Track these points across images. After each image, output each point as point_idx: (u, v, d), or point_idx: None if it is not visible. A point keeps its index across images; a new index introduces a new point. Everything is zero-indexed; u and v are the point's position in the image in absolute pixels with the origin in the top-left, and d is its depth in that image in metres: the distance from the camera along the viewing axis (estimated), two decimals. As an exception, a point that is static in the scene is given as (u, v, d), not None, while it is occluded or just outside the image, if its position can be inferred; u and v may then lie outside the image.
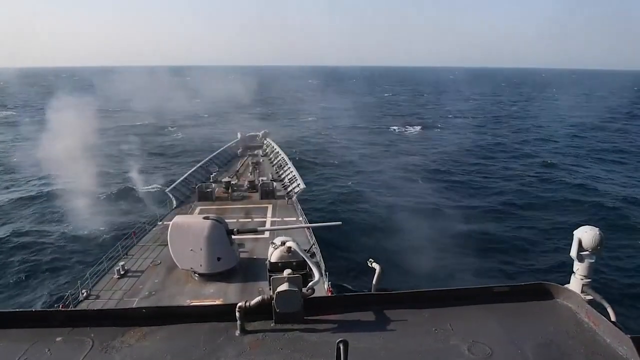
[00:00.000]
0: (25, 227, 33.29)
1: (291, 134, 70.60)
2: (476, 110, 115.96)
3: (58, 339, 4.69)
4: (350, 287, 22.64)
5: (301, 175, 31.86)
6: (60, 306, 15.33)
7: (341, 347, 3.66)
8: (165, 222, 23.69)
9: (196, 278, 17.73)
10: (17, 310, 5.16)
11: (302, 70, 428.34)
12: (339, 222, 19.04)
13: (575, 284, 5.92)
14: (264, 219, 25.53)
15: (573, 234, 6.02)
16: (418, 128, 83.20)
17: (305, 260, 5.82)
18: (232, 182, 30.98)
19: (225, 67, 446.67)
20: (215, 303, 14.67)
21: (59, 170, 40.74)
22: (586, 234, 5.84)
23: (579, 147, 65.14)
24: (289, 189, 30.62)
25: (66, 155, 39.14)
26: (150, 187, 42.14)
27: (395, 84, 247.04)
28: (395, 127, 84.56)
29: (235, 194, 30.02)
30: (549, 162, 54.59)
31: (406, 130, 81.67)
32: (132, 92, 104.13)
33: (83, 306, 15.75)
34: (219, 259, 17.46)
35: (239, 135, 47.10)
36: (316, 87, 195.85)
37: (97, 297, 16.63)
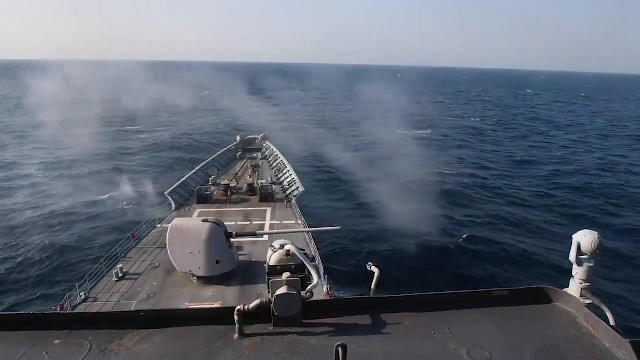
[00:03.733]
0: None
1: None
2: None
3: (56, 342, 4.67)
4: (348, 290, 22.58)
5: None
6: (59, 309, 15.29)
7: (340, 351, 3.65)
8: (164, 225, 23.66)
9: (195, 281, 17.68)
10: (15, 313, 5.14)
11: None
12: (338, 227, 18.92)
13: (575, 288, 5.91)
14: (263, 222, 25.52)
15: (572, 238, 6.01)
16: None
17: (304, 264, 5.78)
18: (231, 185, 30.97)
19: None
20: (213, 306, 14.65)
21: None
22: (585, 238, 5.82)
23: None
24: (288, 192, 30.59)
25: None
26: None
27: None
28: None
29: (234, 196, 29.97)
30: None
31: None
32: None
33: (81, 309, 15.70)
34: (217, 262, 17.42)
35: (238, 138, 47.10)
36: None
37: (95, 299, 16.58)
